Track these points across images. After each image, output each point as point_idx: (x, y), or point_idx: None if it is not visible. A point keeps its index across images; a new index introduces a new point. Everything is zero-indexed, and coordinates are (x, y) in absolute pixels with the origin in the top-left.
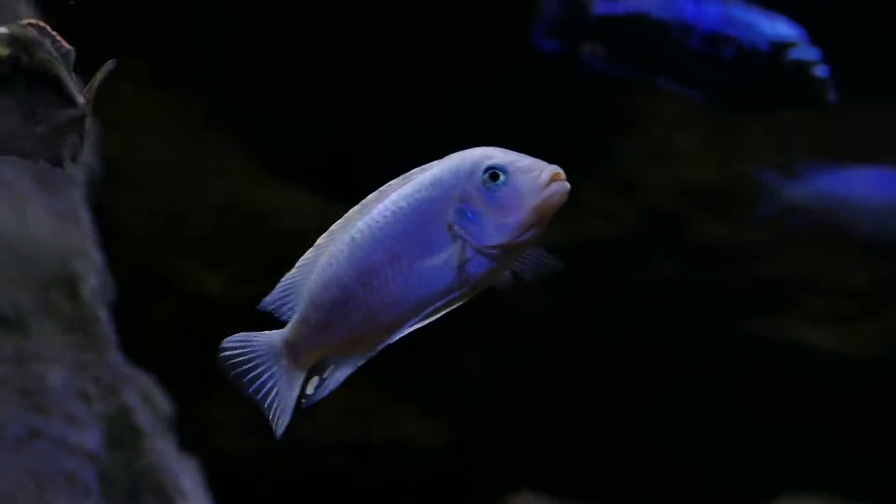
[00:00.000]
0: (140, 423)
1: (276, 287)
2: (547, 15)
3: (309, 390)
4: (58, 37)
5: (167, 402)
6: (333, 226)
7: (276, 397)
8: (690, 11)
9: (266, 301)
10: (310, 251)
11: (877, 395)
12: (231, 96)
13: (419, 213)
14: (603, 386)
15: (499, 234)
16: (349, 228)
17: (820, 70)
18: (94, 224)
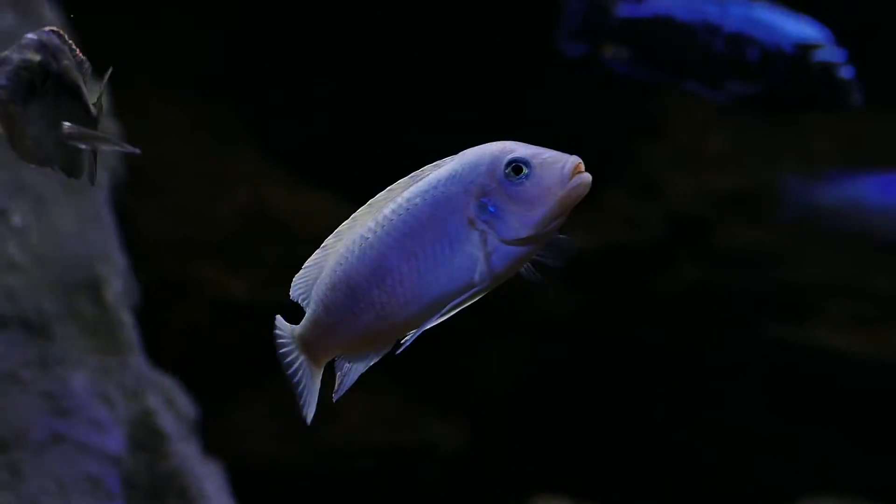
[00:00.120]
0: (163, 426)
1: (293, 284)
2: (570, 19)
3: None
4: (74, 45)
5: (190, 406)
6: (341, 226)
7: (303, 388)
8: (715, 13)
9: (293, 295)
10: (316, 253)
11: None
12: (255, 101)
13: (437, 209)
14: (626, 389)
15: (524, 226)
16: (358, 228)
17: (845, 72)
18: (118, 228)
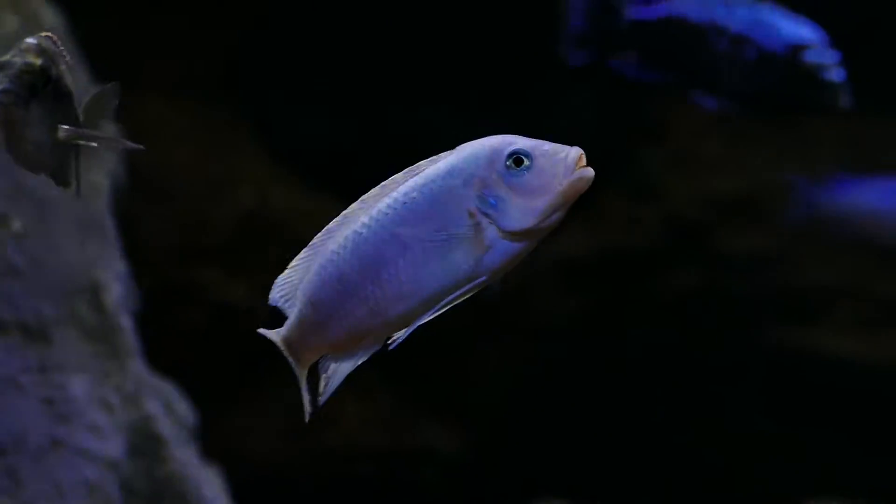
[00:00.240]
0: (162, 431)
1: (274, 286)
2: (574, 27)
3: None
4: (65, 52)
5: (189, 411)
6: (330, 224)
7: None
8: (721, 14)
9: (272, 298)
10: (304, 251)
11: None
12: (255, 103)
13: (436, 203)
14: (625, 392)
15: (526, 218)
16: (351, 224)
17: (835, 74)
18: (118, 233)
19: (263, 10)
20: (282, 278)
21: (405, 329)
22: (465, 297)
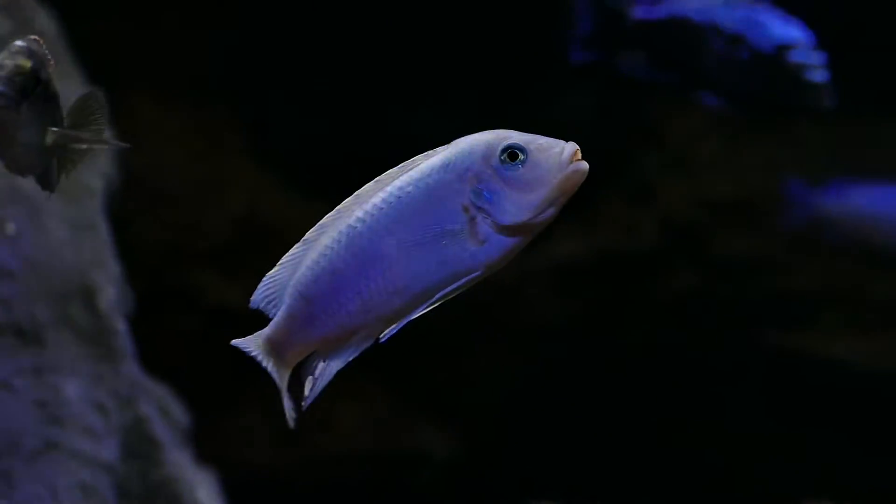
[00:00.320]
0: (156, 434)
1: (259, 286)
2: (581, 27)
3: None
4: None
5: (184, 414)
6: (324, 219)
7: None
8: (721, 14)
9: (254, 300)
10: (296, 246)
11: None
12: (249, 107)
13: (431, 197)
14: (621, 396)
15: (521, 212)
16: (345, 219)
17: (818, 75)
18: (112, 235)
19: (258, 11)
20: (271, 275)
21: (397, 323)
22: (460, 292)
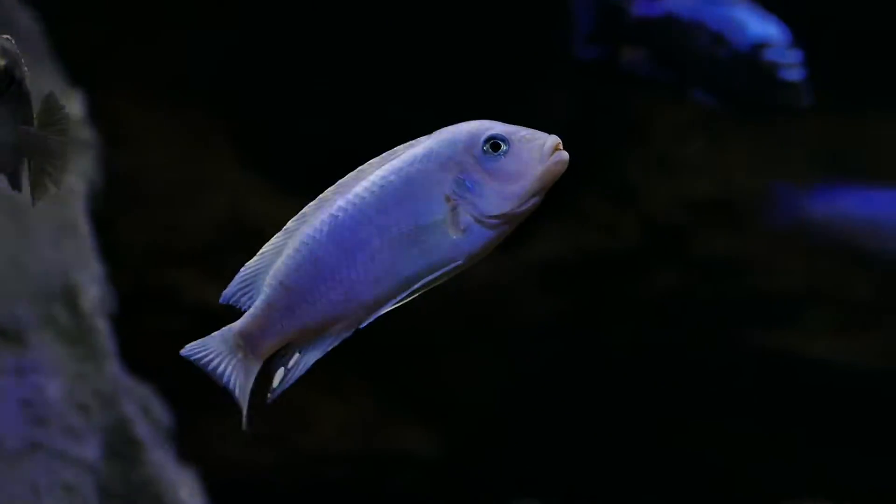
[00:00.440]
0: (139, 434)
1: (236, 277)
2: (583, 22)
3: (274, 383)
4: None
5: (166, 414)
6: (305, 208)
7: (238, 392)
8: (707, 12)
9: (226, 294)
10: (277, 236)
11: (881, 403)
12: (232, 108)
13: (413, 186)
14: (603, 396)
15: (502, 202)
16: (326, 208)
17: (794, 73)
18: (95, 236)
19: (242, 12)
20: (250, 264)
21: (375, 313)
22: (441, 281)
